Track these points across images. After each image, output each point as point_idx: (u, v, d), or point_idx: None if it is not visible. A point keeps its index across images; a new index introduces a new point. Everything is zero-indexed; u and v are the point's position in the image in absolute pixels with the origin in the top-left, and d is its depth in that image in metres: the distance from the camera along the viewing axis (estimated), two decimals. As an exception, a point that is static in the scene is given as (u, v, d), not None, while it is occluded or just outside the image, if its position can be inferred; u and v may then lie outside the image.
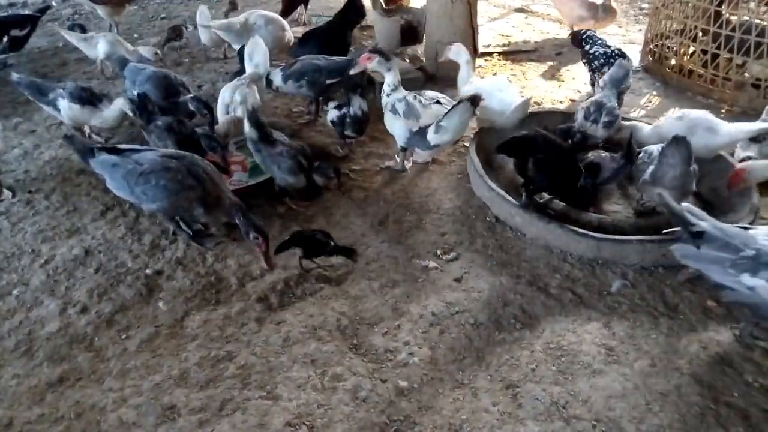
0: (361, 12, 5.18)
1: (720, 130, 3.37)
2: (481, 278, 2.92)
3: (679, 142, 2.89)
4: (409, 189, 3.65)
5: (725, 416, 2.26)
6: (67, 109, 3.79)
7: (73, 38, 5.05)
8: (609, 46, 4.50)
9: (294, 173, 3.31)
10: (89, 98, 3.78)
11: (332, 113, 3.88)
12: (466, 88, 3.86)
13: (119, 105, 3.74)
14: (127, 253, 3.11)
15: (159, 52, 4.87)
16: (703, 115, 3.47)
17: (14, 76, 3.95)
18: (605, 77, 3.89)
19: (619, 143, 3.52)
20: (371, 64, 3.57)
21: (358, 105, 3.77)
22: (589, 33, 4.74)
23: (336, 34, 4.94)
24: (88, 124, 3.90)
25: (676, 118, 3.51)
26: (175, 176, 2.92)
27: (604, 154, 3.36)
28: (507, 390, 2.39)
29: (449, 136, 3.49)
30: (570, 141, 3.60)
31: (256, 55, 4.09)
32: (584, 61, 4.68)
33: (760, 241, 2.32)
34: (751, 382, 2.39)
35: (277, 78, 4.16)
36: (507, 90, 3.77)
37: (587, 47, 4.62)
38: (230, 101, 3.78)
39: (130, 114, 3.68)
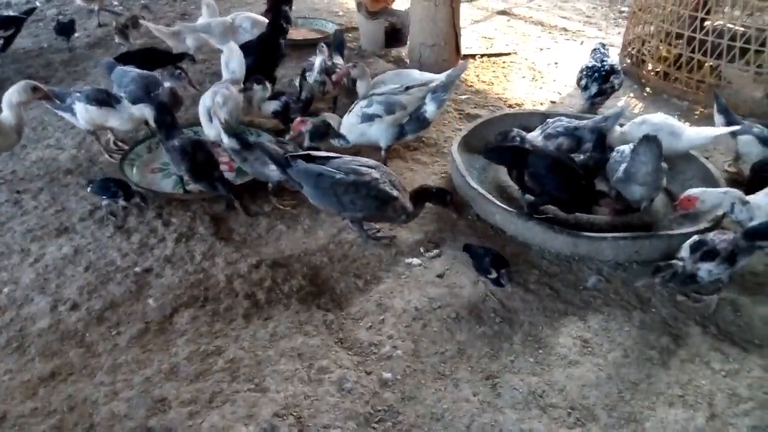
0: (287, 19, 4.79)
1: (682, 135, 3.49)
2: (463, 274, 3.02)
3: (649, 140, 3.01)
4: (393, 188, 3.74)
5: (693, 402, 2.38)
6: (84, 111, 3.72)
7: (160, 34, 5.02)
8: (603, 61, 4.38)
9: None
10: (106, 99, 3.73)
11: (273, 104, 3.97)
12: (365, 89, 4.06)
13: (142, 110, 3.73)
14: (116, 251, 3.17)
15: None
16: (664, 119, 3.59)
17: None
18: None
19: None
20: (305, 127, 3.57)
21: (308, 89, 3.98)
22: (597, 46, 4.64)
23: (271, 45, 4.66)
24: (105, 126, 3.84)
25: (639, 123, 3.62)
26: (382, 187, 3.04)
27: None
28: (487, 380, 2.49)
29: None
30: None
31: (232, 62, 4.08)
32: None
33: None
34: (718, 370, 2.51)
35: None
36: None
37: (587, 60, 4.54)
38: (212, 104, 3.77)
39: (152, 123, 3.65)
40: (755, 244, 2.69)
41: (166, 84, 3.86)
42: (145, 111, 3.73)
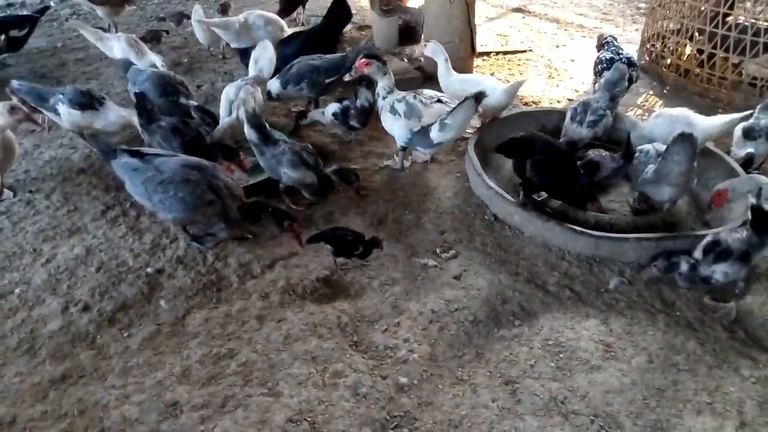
0: (347, 14, 5.02)
1: (697, 125, 3.40)
2: (480, 276, 2.95)
3: (684, 138, 2.88)
4: (408, 188, 3.68)
5: (722, 410, 2.29)
6: (66, 114, 3.71)
7: (89, 35, 4.96)
8: (620, 53, 4.43)
9: (296, 167, 3.30)
10: (89, 102, 3.70)
11: (333, 107, 3.90)
12: (451, 80, 3.98)
13: (125, 114, 3.71)
14: (128, 252, 3.13)
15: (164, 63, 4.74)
16: (681, 111, 3.50)
17: (14, 83, 3.87)
18: (601, 80, 3.95)
19: (615, 142, 3.57)
20: (369, 69, 3.58)
21: (365, 97, 3.81)
22: (609, 39, 4.67)
23: (322, 37, 4.84)
24: (90, 128, 3.79)
25: (655, 117, 3.54)
26: (194, 190, 2.91)
27: (604, 152, 3.38)
28: (506, 386, 2.41)
29: (453, 134, 3.50)
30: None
31: (262, 60, 4.09)
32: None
33: None
34: (747, 377, 2.42)
35: (274, 86, 4.17)
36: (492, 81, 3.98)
37: (600, 52, 4.58)
38: (234, 98, 3.78)
39: (138, 127, 3.62)
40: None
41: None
42: (127, 114, 3.72)
